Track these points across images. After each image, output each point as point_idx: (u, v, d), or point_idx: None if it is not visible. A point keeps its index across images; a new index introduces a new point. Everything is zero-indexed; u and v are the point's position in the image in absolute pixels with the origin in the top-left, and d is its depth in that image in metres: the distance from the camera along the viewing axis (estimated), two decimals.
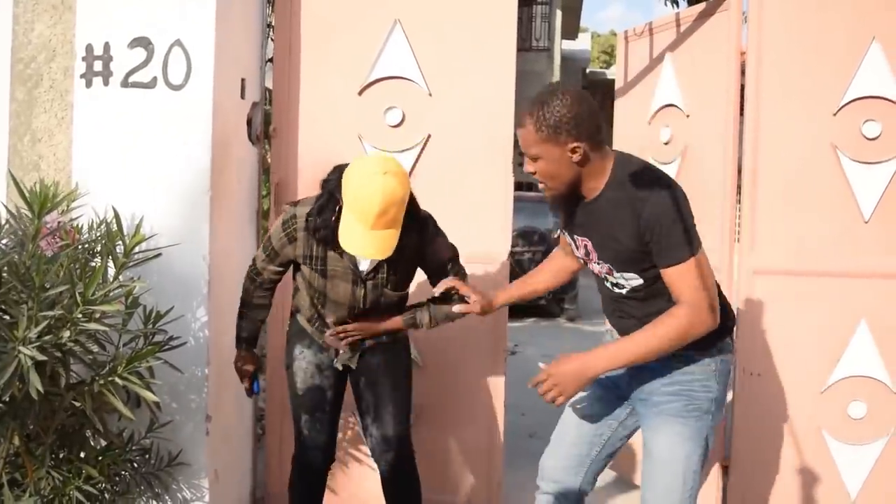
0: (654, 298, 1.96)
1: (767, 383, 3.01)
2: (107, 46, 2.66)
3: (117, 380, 2.15)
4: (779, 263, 3.02)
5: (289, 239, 2.32)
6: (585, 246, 2.04)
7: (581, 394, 2.09)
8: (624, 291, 2.02)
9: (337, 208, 2.21)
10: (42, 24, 2.84)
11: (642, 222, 1.85)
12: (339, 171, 2.24)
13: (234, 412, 2.96)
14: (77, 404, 2.23)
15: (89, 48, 2.68)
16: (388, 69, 3.04)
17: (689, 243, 1.85)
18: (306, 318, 2.49)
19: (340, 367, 2.48)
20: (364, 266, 2.32)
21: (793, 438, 3.05)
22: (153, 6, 2.64)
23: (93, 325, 2.03)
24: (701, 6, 3.21)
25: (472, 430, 3.10)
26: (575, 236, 2.08)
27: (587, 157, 1.88)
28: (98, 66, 2.68)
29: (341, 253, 2.26)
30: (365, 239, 2.09)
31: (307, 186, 3.07)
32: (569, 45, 19.12)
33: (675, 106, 3.38)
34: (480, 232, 3.02)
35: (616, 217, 1.90)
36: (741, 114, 3.02)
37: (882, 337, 2.98)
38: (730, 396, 2.45)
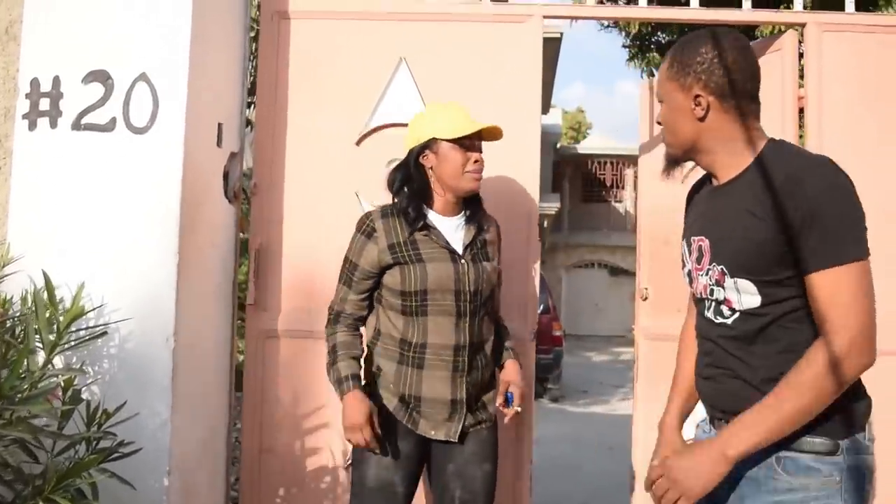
0: (767, 342, 1.50)
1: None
2: (56, 81, 2.27)
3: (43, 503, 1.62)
4: None
5: (367, 235, 2.11)
6: (700, 248, 1.64)
7: None
8: (729, 321, 1.56)
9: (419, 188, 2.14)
10: None
11: (797, 203, 1.43)
12: (399, 166, 2.17)
13: None
14: None
15: (35, 83, 2.28)
16: (391, 115, 2.69)
17: (858, 241, 1.44)
18: (396, 398, 2.10)
19: (443, 438, 2.10)
20: (458, 238, 2.15)
21: None
22: (113, 33, 2.25)
23: (12, 431, 1.51)
24: None
25: None
26: (691, 238, 1.69)
27: (711, 116, 1.57)
28: (45, 104, 2.29)
29: (427, 234, 2.11)
30: (473, 122, 2.11)
31: (294, 253, 2.62)
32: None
33: None
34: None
35: (755, 199, 1.50)
36: None
37: None
38: None
